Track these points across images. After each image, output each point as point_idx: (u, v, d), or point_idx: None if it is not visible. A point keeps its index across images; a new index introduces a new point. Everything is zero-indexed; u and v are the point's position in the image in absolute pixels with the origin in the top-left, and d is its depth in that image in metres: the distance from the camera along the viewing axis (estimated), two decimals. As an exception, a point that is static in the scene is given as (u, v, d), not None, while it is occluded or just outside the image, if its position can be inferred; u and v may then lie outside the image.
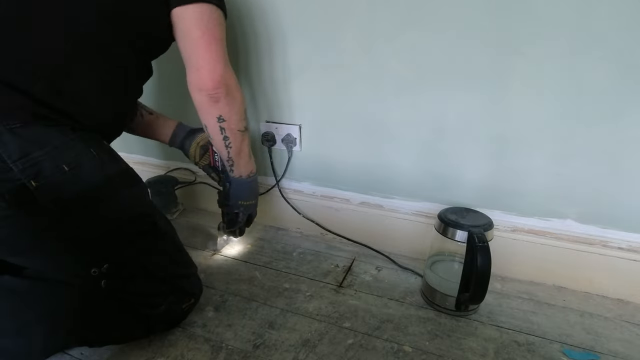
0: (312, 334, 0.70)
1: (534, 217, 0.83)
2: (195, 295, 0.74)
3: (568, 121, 0.74)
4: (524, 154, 0.79)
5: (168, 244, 0.71)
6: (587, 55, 0.68)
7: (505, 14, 0.70)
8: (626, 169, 0.74)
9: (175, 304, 0.70)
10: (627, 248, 0.78)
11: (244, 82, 0.98)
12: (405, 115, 0.85)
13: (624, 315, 0.77)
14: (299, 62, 0.90)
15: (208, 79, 0.67)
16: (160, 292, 0.68)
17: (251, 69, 0.96)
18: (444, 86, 0.79)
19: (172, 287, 0.69)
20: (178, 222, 1.12)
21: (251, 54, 0.93)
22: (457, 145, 0.83)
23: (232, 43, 0.94)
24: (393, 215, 0.95)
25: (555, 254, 0.83)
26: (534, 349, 0.68)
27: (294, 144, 0.98)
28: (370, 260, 0.95)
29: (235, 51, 0.93)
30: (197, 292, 0.75)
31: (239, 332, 0.71)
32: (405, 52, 0.80)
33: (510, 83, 0.74)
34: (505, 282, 0.87)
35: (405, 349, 0.67)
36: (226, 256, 0.96)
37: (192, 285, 0.74)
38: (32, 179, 0.52)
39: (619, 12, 0.64)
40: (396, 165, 0.91)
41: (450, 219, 0.74)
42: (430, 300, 0.79)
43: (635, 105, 0.69)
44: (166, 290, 0.68)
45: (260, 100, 0.99)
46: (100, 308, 0.63)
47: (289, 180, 1.05)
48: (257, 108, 1.00)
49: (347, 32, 0.82)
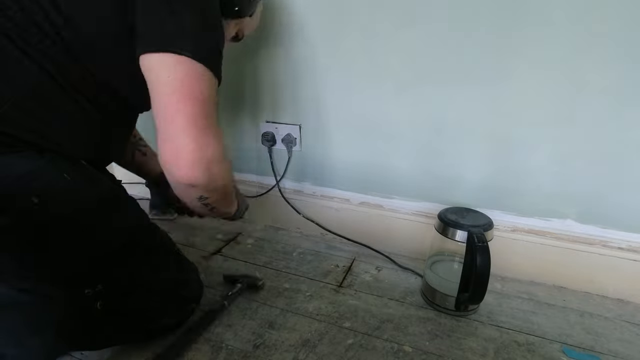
0: (312, 334, 0.70)
1: (534, 217, 0.83)
2: (196, 299, 0.73)
3: (568, 121, 0.74)
4: (524, 154, 0.79)
5: (161, 256, 0.68)
6: (587, 56, 0.68)
7: (505, 14, 0.70)
8: (626, 169, 0.74)
9: (176, 312, 0.69)
10: (627, 248, 0.78)
11: (244, 82, 0.98)
12: (405, 115, 0.85)
13: (624, 315, 0.77)
14: (299, 62, 0.90)
15: (179, 159, 0.51)
16: (159, 305, 0.66)
17: (251, 69, 0.96)
18: (444, 86, 0.79)
19: (171, 297, 0.68)
20: (178, 222, 1.12)
21: (251, 54, 0.93)
22: (457, 145, 0.83)
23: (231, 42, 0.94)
24: (393, 215, 0.95)
25: (555, 254, 0.83)
26: (534, 349, 0.68)
27: (294, 144, 0.98)
28: (370, 260, 0.95)
29: (235, 51, 0.93)
30: (198, 296, 0.74)
31: (239, 332, 0.71)
32: (405, 52, 0.80)
33: (510, 83, 0.75)
34: (505, 282, 0.87)
35: (405, 349, 0.67)
36: (226, 256, 0.96)
37: (191, 292, 0.73)
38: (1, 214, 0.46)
39: (619, 12, 0.65)
40: (396, 165, 0.91)
41: (450, 219, 0.74)
42: (430, 300, 0.79)
43: (635, 105, 0.69)
44: (165, 302, 0.67)
45: (261, 100, 0.99)
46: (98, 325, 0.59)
47: (289, 180, 1.05)
48: (257, 108, 1.00)
49: (348, 32, 0.82)
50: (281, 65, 0.91)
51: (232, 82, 0.99)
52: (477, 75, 0.76)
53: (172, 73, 0.50)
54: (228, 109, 1.04)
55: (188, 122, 0.50)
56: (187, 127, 0.50)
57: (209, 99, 0.52)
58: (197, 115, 0.50)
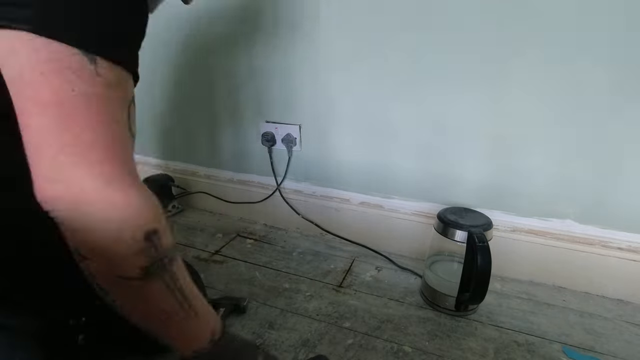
0: (312, 334, 0.70)
1: (534, 217, 0.83)
2: None
3: (568, 121, 0.74)
4: (524, 154, 0.79)
5: None
6: (587, 56, 0.68)
7: (505, 14, 0.70)
8: (626, 169, 0.74)
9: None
10: (627, 248, 0.78)
11: (243, 82, 0.98)
12: (405, 115, 0.85)
13: (624, 315, 0.77)
14: (299, 61, 0.90)
15: (36, 180, 0.32)
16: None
17: (251, 68, 0.96)
18: (444, 86, 0.79)
19: None
20: (177, 222, 1.12)
21: (250, 53, 0.93)
22: (457, 145, 0.83)
23: (232, 42, 0.94)
24: (393, 215, 0.95)
25: (555, 254, 0.83)
26: (534, 349, 0.68)
27: (294, 144, 0.98)
28: (370, 260, 0.95)
29: (236, 51, 0.93)
30: None
31: (239, 332, 0.71)
32: (405, 52, 0.80)
33: (511, 83, 0.75)
34: (505, 282, 0.87)
35: (405, 349, 0.67)
36: (226, 256, 0.96)
37: None
38: None
39: (619, 13, 0.65)
40: (396, 165, 0.91)
41: (449, 219, 0.74)
42: (430, 301, 0.78)
43: (635, 105, 0.69)
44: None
45: (260, 100, 0.99)
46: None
47: (288, 180, 1.05)
48: (257, 108, 1.00)
49: (347, 32, 0.82)
50: (281, 65, 0.91)
51: (232, 82, 0.99)
52: (478, 75, 0.76)
53: (14, 61, 0.31)
54: (228, 109, 1.04)
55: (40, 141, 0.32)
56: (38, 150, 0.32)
57: (85, 101, 0.32)
58: (54, 128, 0.31)
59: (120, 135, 0.34)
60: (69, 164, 0.32)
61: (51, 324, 0.44)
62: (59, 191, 0.32)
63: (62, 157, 0.31)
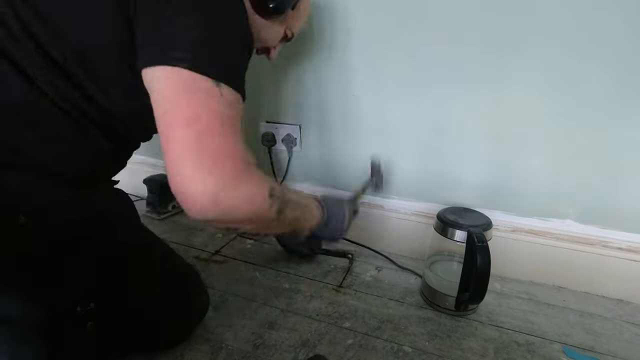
0: (312, 334, 0.70)
1: (534, 217, 0.83)
2: (199, 315, 0.70)
3: (568, 121, 0.74)
4: (524, 154, 0.79)
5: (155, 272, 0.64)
6: (587, 56, 0.68)
7: (505, 14, 0.70)
8: (626, 169, 0.74)
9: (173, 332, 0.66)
10: (627, 248, 0.78)
11: (243, 82, 0.98)
12: (405, 115, 0.85)
13: (624, 315, 0.77)
14: (299, 61, 0.90)
15: (179, 194, 0.43)
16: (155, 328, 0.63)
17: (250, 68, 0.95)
18: (444, 86, 0.79)
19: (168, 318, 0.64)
20: (177, 222, 1.12)
21: (251, 54, 0.93)
22: (457, 145, 0.83)
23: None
24: (393, 215, 0.95)
25: (555, 254, 0.83)
26: (534, 349, 0.68)
27: (294, 144, 0.98)
28: (370, 260, 0.95)
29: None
30: (200, 312, 0.70)
31: (239, 332, 0.71)
32: (405, 52, 0.80)
33: (511, 83, 0.75)
34: (504, 282, 0.87)
35: (405, 349, 0.67)
36: (226, 256, 0.96)
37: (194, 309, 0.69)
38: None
39: (619, 13, 0.65)
40: (396, 165, 0.91)
41: (449, 219, 0.74)
42: (430, 300, 0.79)
43: (635, 105, 0.69)
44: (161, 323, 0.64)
45: (260, 100, 0.99)
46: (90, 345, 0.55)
47: (288, 180, 1.05)
48: (256, 108, 1.00)
49: (347, 32, 0.82)
50: (281, 64, 0.91)
51: (232, 82, 0.99)
52: (478, 75, 0.76)
53: (163, 90, 0.43)
54: (228, 109, 1.04)
55: (183, 150, 0.42)
56: (181, 157, 0.42)
57: (216, 117, 0.43)
58: (194, 139, 0.41)
59: (239, 139, 0.46)
60: (209, 166, 0.42)
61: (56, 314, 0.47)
62: (203, 188, 0.41)
63: (203, 160, 0.42)
